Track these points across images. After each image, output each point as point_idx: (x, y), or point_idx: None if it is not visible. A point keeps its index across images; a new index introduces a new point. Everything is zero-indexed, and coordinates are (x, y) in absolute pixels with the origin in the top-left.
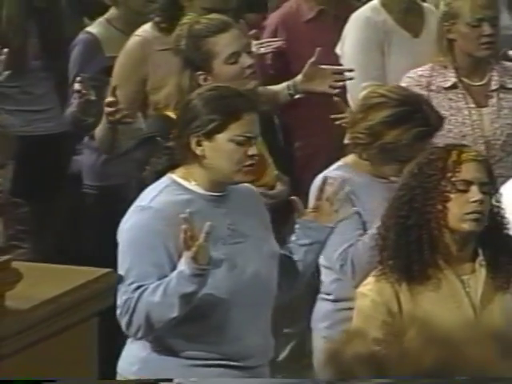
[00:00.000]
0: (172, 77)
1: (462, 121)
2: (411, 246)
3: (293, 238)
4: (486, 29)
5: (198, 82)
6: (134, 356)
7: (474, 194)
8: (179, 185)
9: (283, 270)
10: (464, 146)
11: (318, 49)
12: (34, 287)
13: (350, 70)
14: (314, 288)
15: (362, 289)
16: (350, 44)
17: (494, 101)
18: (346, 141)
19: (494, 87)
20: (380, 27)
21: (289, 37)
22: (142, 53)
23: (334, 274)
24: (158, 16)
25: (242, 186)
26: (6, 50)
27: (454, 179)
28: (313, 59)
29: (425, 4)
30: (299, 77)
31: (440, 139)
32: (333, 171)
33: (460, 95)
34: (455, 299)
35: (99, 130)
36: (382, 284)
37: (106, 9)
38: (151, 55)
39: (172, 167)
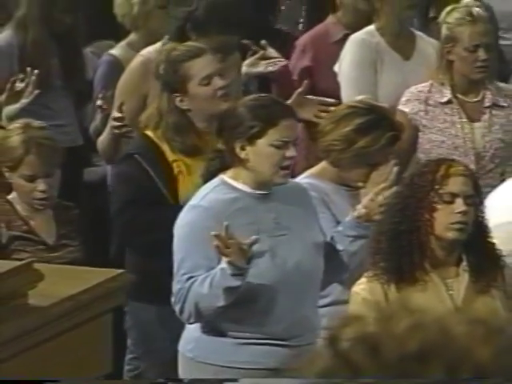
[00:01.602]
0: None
1: (455, 133)
2: (402, 250)
3: (339, 228)
4: (482, 54)
5: (175, 104)
6: (189, 336)
7: (459, 205)
8: (228, 184)
9: (327, 258)
10: (453, 160)
11: (306, 81)
12: (54, 286)
13: (334, 104)
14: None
15: (355, 288)
16: (346, 62)
17: (486, 117)
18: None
19: (487, 104)
20: (374, 48)
21: (315, 56)
22: (143, 72)
23: None
24: (167, 43)
25: (289, 183)
26: (36, 71)
27: (441, 191)
28: (300, 90)
29: (416, 32)
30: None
31: (434, 150)
32: (302, 179)
33: (455, 110)
34: (439, 300)
35: (102, 141)
36: (374, 284)
37: (118, 31)
38: (152, 75)
39: (224, 168)
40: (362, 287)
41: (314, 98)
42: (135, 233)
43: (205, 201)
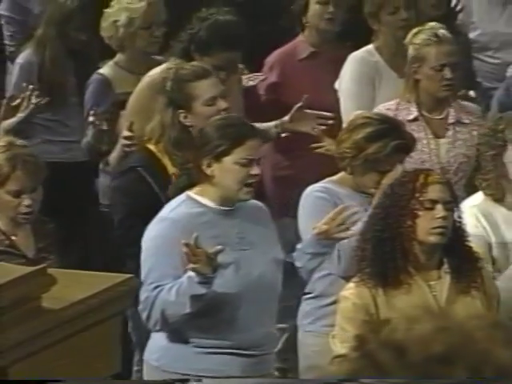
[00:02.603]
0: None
1: (421, 149)
2: (386, 256)
3: (299, 246)
4: (448, 73)
5: (178, 120)
6: (155, 345)
7: (439, 211)
8: (194, 200)
9: (286, 274)
10: (430, 169)
11: (305, 96)
12: (66, 290)
13: (332, 118)
14: (300, 291)
15: (344, 293)
16: (346, 78)
17: (450, 133)
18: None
19: (451, 121)
20: (373, 66)
21: (283, 72)
22: (151, 91)
23: (317, 274)
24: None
25: (250, 202)
26: (31, 86)
27: (421, 199)
28: (300, 104)
29: None
30: (286, 118)
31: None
32: (320, 183)
33: (421, 127)
34: (423, 301)
35: (114, 158)
36: (361, 289)
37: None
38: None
39: (191, 185)
40: (350, 292)
41: (313, 112)
42: (136, 243)
43: (173, 214)
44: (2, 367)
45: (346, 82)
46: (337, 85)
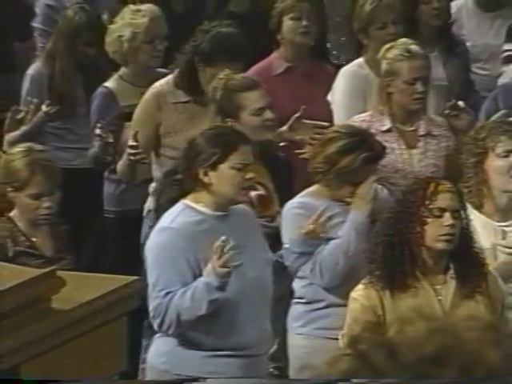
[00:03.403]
0: (200, 122)
1: (395, 159)
2: (395, 260)
3: (286, 245)
4: (419, 87)
5: None
6: (160, 350)
7: (447, 219)
8: (192, 208)
9: (275, 273)
10: (441, 178)
11: (303, 107)
12: (75, 292)
13: (326, 127)
14: (288, 295)
15: (353, 294)
16: (339, 91)
17: (421, 144)
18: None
19: (421, 133)
20: (363, 79)
21: None
22: (156, 103)
23: (304, 281)
24: (177, 76)
25: (238, 206)
26: (35, 100)
27: (431, 206)
28: (297, 115)
29: None
30: (284, 128)
31: (379, 173)
32: (298, 198)
33: (394, 138)
34: (428, 305)
35: (121, 166)
36: (370, 290)
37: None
38: (165, 105)
39: (183, 195)
40: (359, 293)
41: (310, 122)
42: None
43: (174, 223)
44: (15, 365)
45: (338, 94)
46: (330, 97)
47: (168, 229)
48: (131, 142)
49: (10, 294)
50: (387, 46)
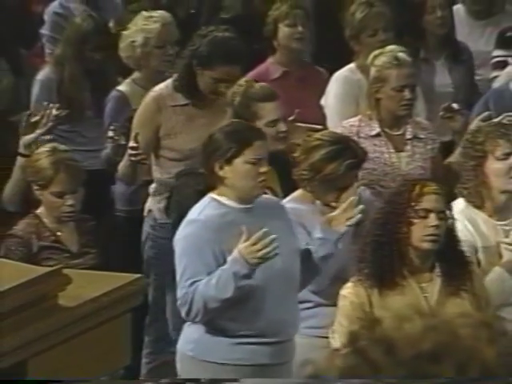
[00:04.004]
0: (198, 124)
1: (383, 162)
2: (383, 259)
3: (314, 234)
4: (407, 94)
5: None
6: (189, 337)
7: (432, 220)
8: (217, 201)
9: (303, 261)
10: (427, 180)
11: (297, 110)
12: (81, 289)
13: (319, 130)
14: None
15: (343, 292)
16: (331, 96)
17: (408, 147)
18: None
19: (408, 137)
20: (355, 83)
21: None
22: (156, 106)
23: None
24: (176, 80)
25: (267, 198)
26: (51, 105)
27: (416, 208)
28: (292, 117)
29: None
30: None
31: (366, 176)
32: (285, 203)
33: (382, 142)
34: (415, 302)
35: (122, 167)
36: (359, 288)
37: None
38: (164, 108)
39: (208, 189)
40: (348, 291)
41: (304, 125)
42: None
43: (202, 216)
44: (22, 360)
45: (330, 99)
46: (323, 101)
47: (195, 221)
48: (132, 144)
49: (17, 292)
50: (376, 52)
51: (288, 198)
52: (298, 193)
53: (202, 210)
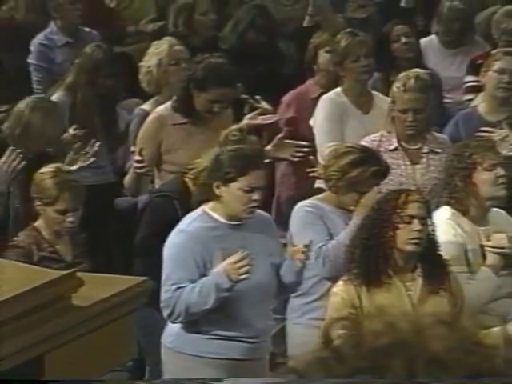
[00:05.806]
0: (196, 140)
1: (400, 173)
2: (371, 260)
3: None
4: (409, 117)
5: None
6: (170, 330)
7: (416, 225)
8: (208, 214)
9: (280, 276)
10: (411, 190)
11: (286, 128)
12: (92, 290)
13: (307, 147)
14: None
15: (335, 289)
16: (319, 117)
17: (424, 160)
18: (316, 185)
19: (425, 150)
20: (340, 105)
21: (298, 108)
22: (158, 124)
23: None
24: (175, 102)
25: (258, 213)
26: (94, 141)
27: (402, 214)
28: (280, 135)
29: (374, 92)
30: (269, 147)
31: (384, 186)
32: (309, 200)
33: (399, 155)
34: (400, 299)
35: (127, 180)
36: (349, 286)
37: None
38: (165, 127)
39: (205, 201)
40: (339, 288)
41: (291, 141)
42: (152, 257)
43: (190, 227)
44: (40, 355)
45: (319, 119)
46: (312, 121)
47: (183, 231)
48: (137, 157)
49: (35, 293)
50: (403, 73)
51: (312, 198)
52: (322, 195)
53: (192, 222)
